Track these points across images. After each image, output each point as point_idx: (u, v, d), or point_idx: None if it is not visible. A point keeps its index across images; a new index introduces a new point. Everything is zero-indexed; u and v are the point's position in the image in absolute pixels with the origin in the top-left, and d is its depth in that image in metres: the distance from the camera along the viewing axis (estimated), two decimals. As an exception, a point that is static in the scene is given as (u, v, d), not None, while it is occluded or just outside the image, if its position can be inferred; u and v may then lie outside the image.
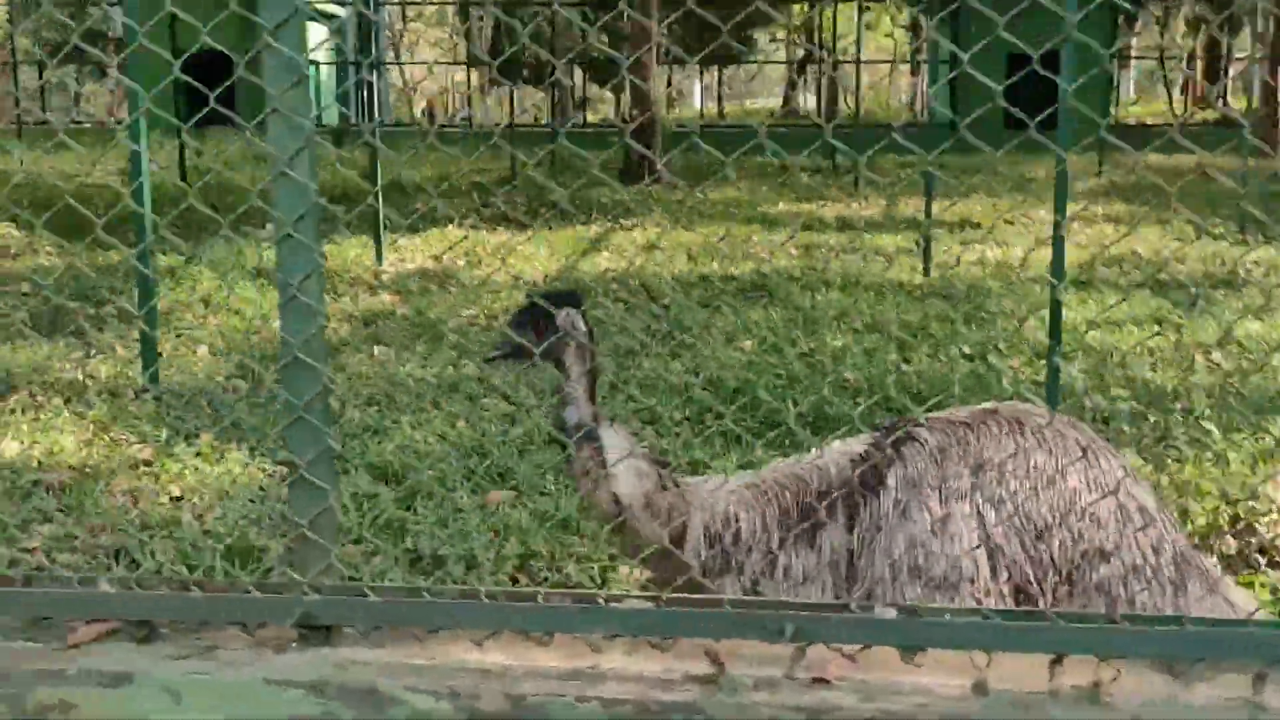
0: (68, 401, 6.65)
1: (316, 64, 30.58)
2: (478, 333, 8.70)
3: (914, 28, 42.76)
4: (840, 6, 34.01)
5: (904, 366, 7.37)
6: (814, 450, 3.16)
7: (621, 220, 14.49)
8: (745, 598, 2.76)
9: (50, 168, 18.84)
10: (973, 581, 2.82)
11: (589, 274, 11.11)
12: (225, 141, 21.25)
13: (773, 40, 51.33)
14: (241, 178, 19.00)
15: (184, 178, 19.06)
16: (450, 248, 12.26)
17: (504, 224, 14.42)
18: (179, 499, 5.29)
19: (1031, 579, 2.84)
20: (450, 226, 13.74)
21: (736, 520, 2.97)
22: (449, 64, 46.46)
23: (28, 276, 10.28)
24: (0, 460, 5.65)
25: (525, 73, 39.90)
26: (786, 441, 5.80)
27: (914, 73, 46.31)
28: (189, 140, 22.91)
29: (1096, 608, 2.80)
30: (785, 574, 2.93)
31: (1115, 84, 28.62)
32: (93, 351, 7.92)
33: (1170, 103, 36.74)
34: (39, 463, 5.67)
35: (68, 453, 5.79)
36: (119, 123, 29.70)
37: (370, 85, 32.81)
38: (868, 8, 36.53)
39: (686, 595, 2.13)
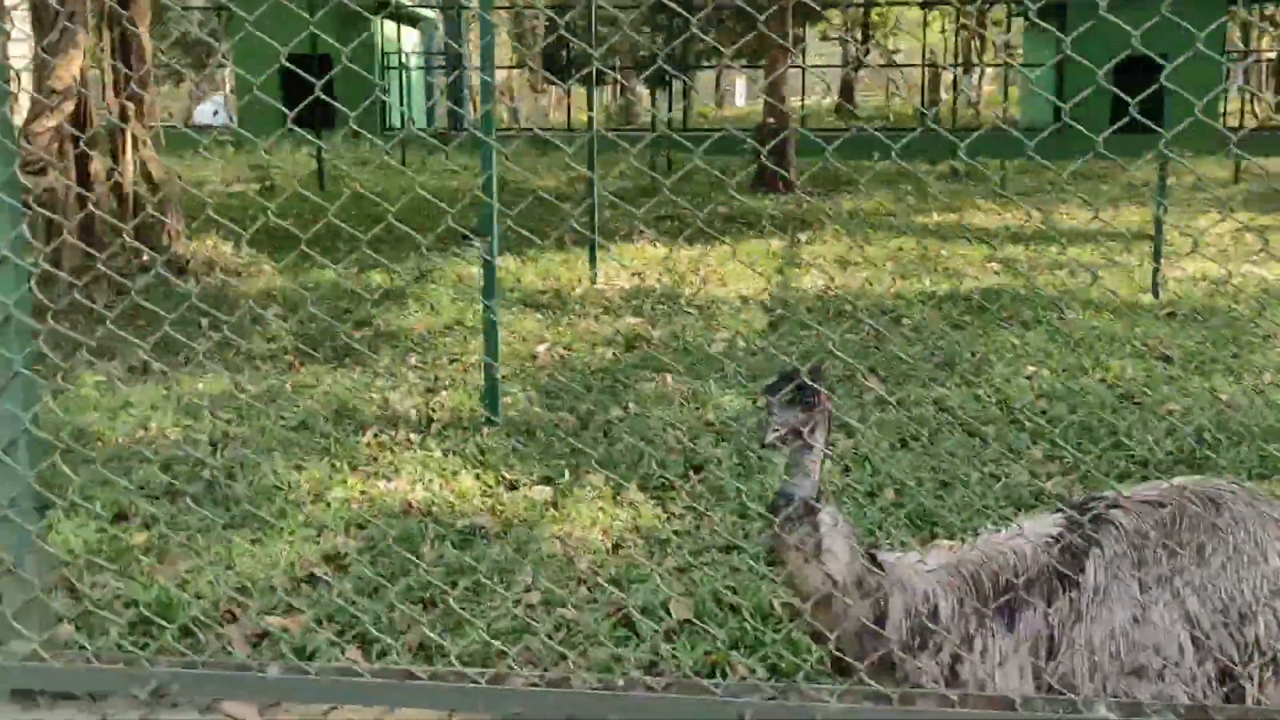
0: (422, 437, 6.75)
1: (407, 67, 30.77)
2: (743, 355, 8.79)
3: (964, 28, 42.56)
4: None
5: (1218, 395, 7.40)
6: (1004, 531, 3.17)
7: (780, 232, 14.59)
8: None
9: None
10: (1178, 667, 2.80)
11: (805, 291, 11.16)
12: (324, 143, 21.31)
13: (824, 38, 51.38)
14: (377, 180, 19.23)
15: (322, 185, 19.25)
16: (660, 263, 12.34)
17: (666, 236, 14.52)
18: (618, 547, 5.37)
19: (1236, 663, 2.81)
20: (642, 241, 13.81)
21: (935, 599, 2.96)
22: (527, 67, 46.48)
23: (267, 300, 10.41)
24: (421, 507, 5.73)
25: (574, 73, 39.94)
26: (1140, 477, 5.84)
27: (966, 71, 46.16)
28: (281, 142, 23.21)
29: None
30: (983, 655, 2.93)
31: (1225, 88, 28.40)
32: (387, 380, 8.04)
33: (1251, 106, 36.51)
34: (453, 507, 5.75)
35: (470, 495, 5.88)
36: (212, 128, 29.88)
37: (460, 88, 32.95)
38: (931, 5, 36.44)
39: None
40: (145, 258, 10.92)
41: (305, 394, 7.67)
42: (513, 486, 6.02)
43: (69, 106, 9.63)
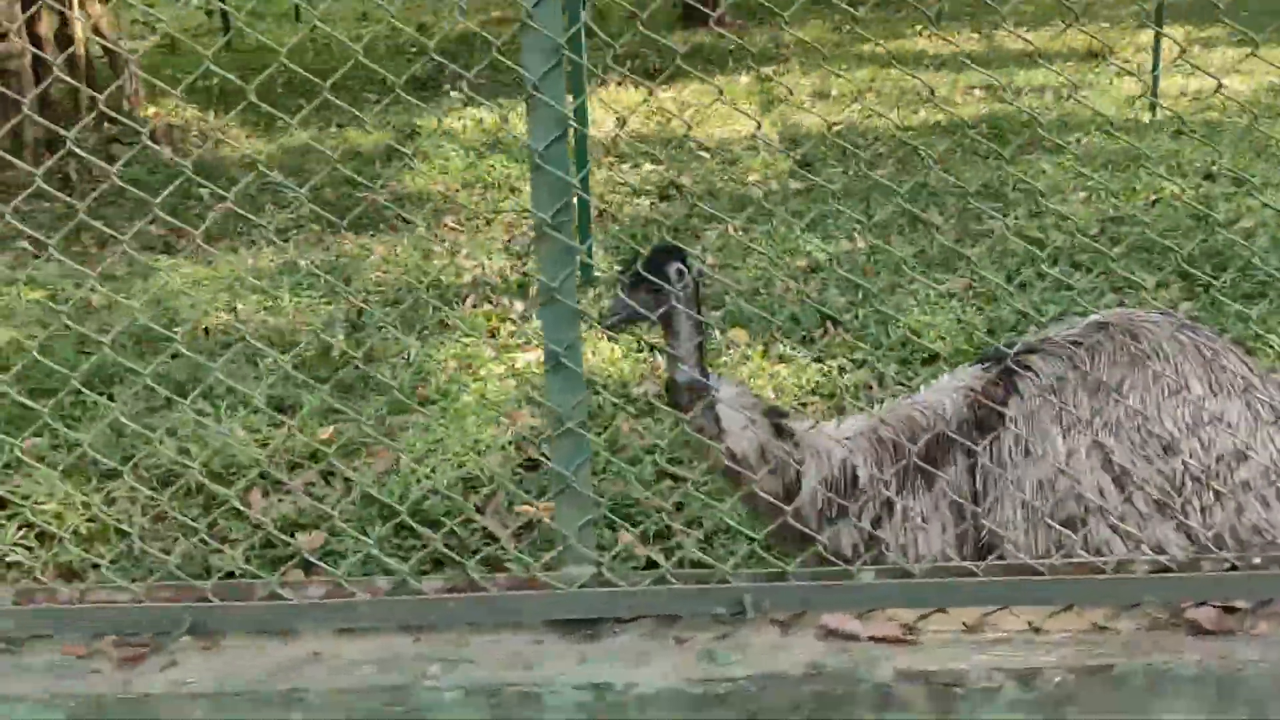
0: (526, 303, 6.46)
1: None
2: (778, 198, 8.61)
3: None
4: None
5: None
6: (924, 387, 3.23)
7: (727, 68, 14.18)
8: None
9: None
10: (1103, 512, 2.81)
11: (808, 128, 10.97)
12: None
13: None
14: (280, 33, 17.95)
15: (229, 44, 17.86)
16: (638, 107, 11.90)
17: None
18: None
19: (1171, 493, 2.82)
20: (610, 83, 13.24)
21: (853, 467, 3.02)
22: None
23: (256, 167, 9.71)
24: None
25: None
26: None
27: None
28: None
29: (1246, 510, 2.82)
30: (904, 517, 2.98)
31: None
32: (441, 244, 7.65)
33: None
34: (608, 373, 5.54)
35: (616, 359, 5.68)
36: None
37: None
38: None
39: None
40: (109, 127, 10.04)
41: (362, 265, 7.23)
42: (652, 349, 5.82)
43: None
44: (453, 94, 11.59)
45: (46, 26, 9.83)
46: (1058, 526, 2.77)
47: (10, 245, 7.84)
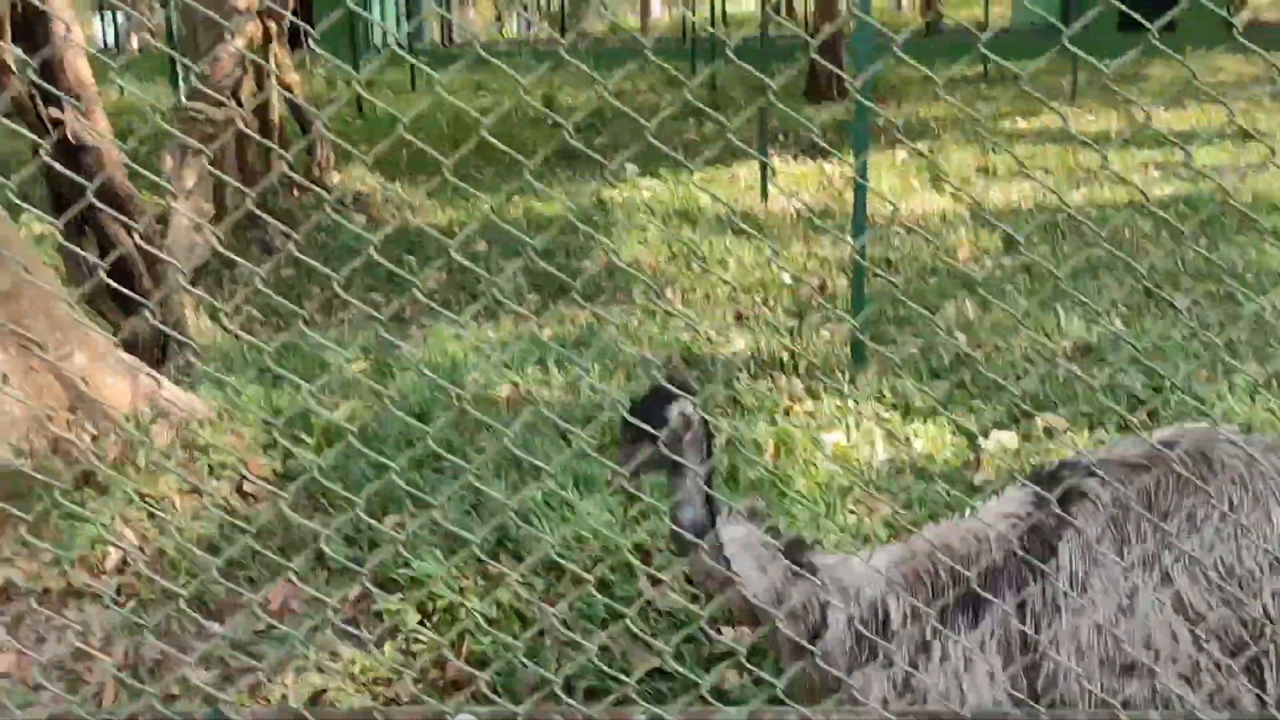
0: (805, 381, 6.25)
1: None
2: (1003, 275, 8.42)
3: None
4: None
5: None
6: (967, 512, 2.88)
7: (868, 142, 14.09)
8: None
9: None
10: (1175, 660, 2.51)
11: (1002, 204, 10.79)
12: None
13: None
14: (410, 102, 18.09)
15: (360, 109, 18.04)
16: (802, 180, 11.80)
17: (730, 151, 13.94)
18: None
19: (1246, 643, 2.51)
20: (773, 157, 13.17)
21: (885, 604, 2.71)
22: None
23: (451, 236, 9.62)
24: (909, 462, 5.27)
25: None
26: None
27: None
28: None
29: None
30: (943, 661, 2.65)
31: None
32: (668, 318, 7.47)
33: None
34: (932, 458, 5.31)
35: (941, 444, 5.45)
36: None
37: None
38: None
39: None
40: (297, 192, 10.03)
41: (604, 337, 7.07)
42: (967, 434, 5.58)
43: (251, 28, 8.64)
44: (627, 165, 11.52)
45: (247, 93, 9.85)
46: (1119, 675, 2.48)
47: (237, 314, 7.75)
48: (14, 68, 4.64)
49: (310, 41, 15.93)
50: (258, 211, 2.29)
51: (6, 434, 4.28)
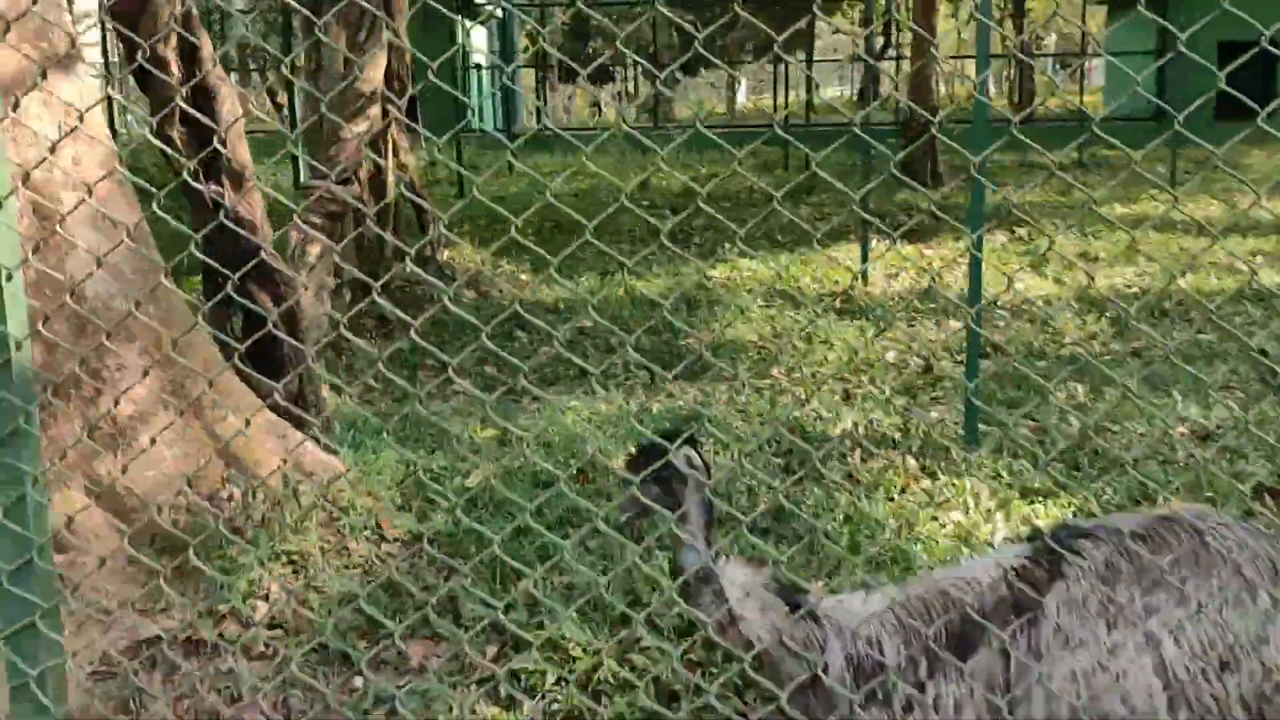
0: (920, 461, 6.27)
1: (480, 67, 30.08)
2: (1110, 360, 8.37)
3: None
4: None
5: None
6: (963, 560, 2.92)
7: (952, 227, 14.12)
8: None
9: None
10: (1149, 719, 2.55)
11: (1107, 289, 10.76)
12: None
13: (836, 32, 51.02)
14: (507, 183, 18.59)
15: (461, 190, 18.59)
16: (901, 262, 11.87)
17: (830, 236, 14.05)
18: None
19: (1215, 716, 2.55)
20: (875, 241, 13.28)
21: (880, 646, 2.78)
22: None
23: (556, 313, 9.84)
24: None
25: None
26: None
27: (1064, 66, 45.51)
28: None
29: None
30: (935, 704, 2.71)
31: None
32: (784, 396, 7.56)
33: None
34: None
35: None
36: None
37: (510, 90, 32.24)
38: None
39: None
40: (409, 267, 10.34)
41: (714, 412, 7.17)
42: (1090, 514, 5.55)
43: (375, 111, 9.03)
44: (727, 246, 11.72)
45: (364, 173, 10.26)
46: None
47: (358, 380, 8.01)
48: (182, 148, 4.95)
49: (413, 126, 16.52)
50: (380, 299, 2.45)
51: (164, 490, 4.49)
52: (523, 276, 11.14)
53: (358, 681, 4.14)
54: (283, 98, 24.43)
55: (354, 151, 8.88)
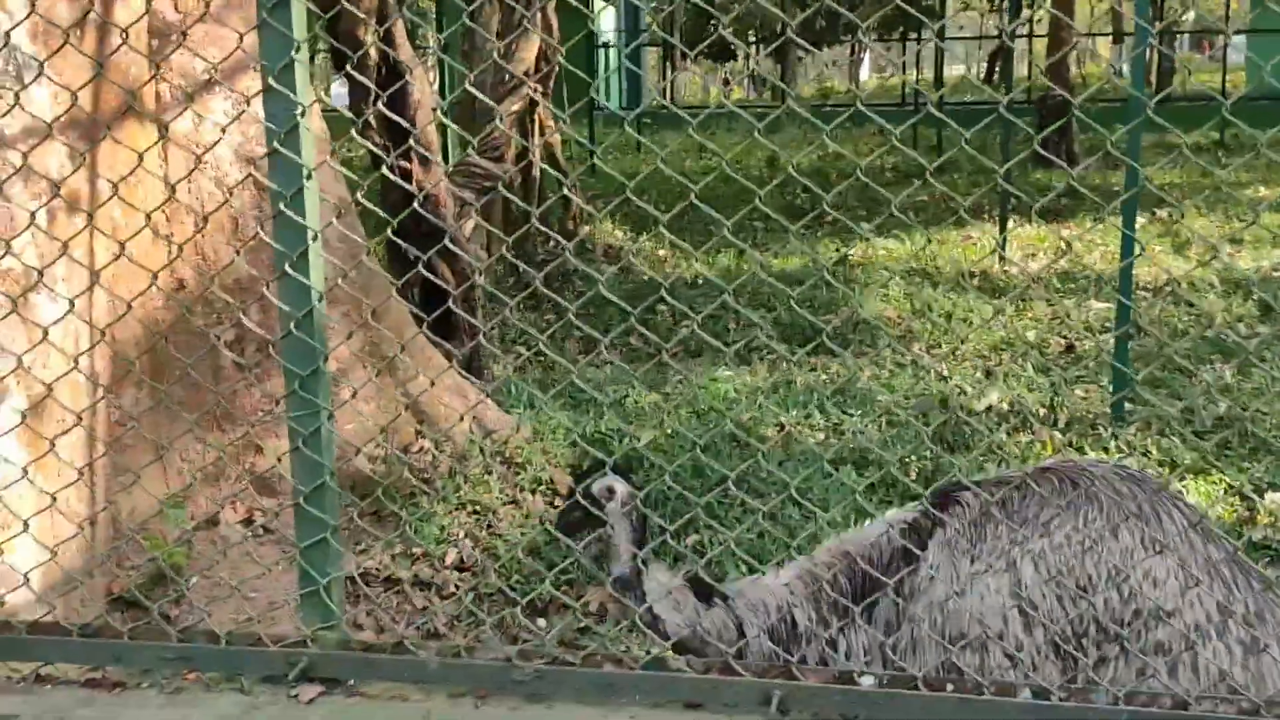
0: (1066, 436, 6.38)
1: (607, 46, 30.42)
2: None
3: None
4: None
5: None
6: (869, 522, 3.26)
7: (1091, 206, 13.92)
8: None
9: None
10: (1001, 638, 2.81)
11: (1242, 270, 10.58)
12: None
13: (966, 8, 50.04)
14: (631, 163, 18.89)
15: (593, 169, 18.93)
16: (1035, 242, 11.82)
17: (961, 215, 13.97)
18: None
19: (1071, 637, 2.78)
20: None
21: (791, 612, 3.11)
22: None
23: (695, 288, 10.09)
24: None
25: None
26: None
27: (1116, 41, 44.28)
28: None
29: (1155, 670, 2.71)
30: (847, 656, 3.04)
31: None
32: (920, 371, 7.69)
33: None
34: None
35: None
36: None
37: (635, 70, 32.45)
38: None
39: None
40: (553, 243, 10.71)
41: (860, 385, 7.34)
42: (1243, 494, 5.60)
43: (525, 91, 9.38)
44: (864, 225, 11.81)
45: (512, 152, 10.63)
46: (949, 646, 2.82)
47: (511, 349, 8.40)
48: (375, 127, 5.31)
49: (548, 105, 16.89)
50: (535, 280, 2.76)
51: (363, 443, 4.88)
52: (660, 252, 11.42)
53: (542, 623, 4.47)
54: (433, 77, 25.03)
55: (506, 130, 9.23)
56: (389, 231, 2.85)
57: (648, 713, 2.46)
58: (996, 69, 32.23)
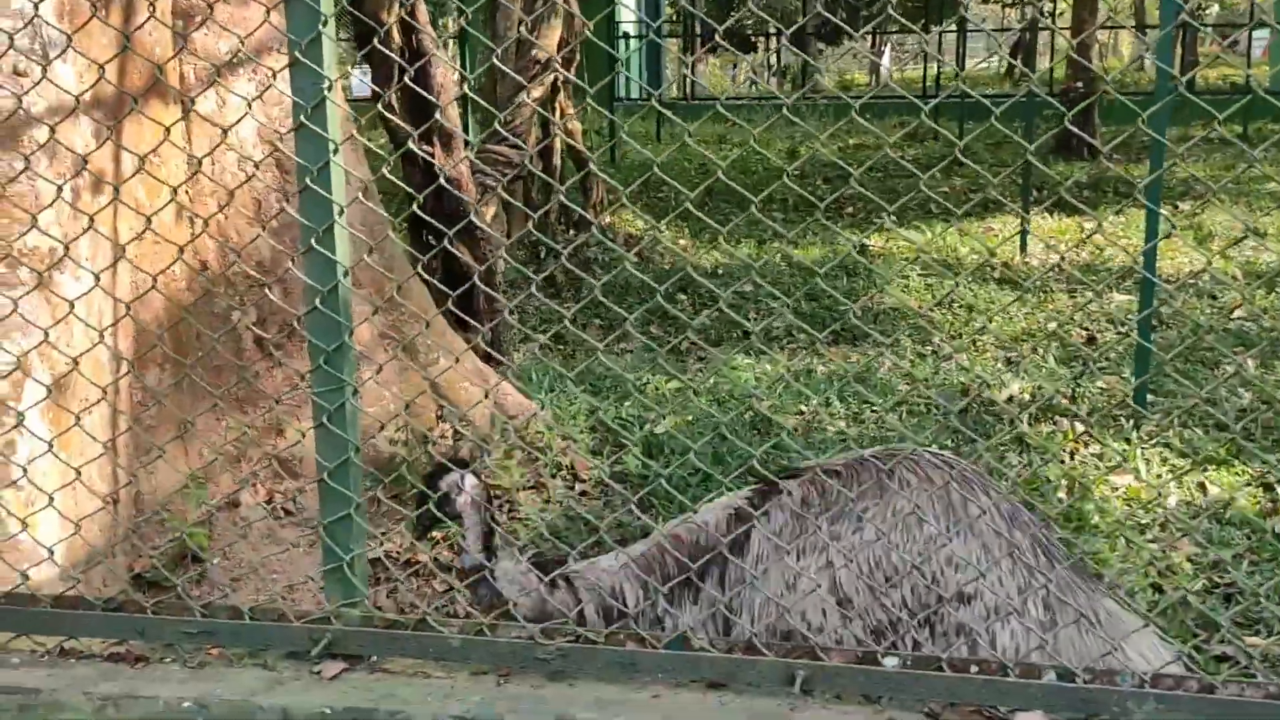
0: (1093, 427, 6.34)
1: (628, 35, 30.37)
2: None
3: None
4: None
5: None
6: (702, 506, 3.39)
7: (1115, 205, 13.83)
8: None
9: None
10: (821, 632, 2.93)
11: (1261, 263, 10.49)
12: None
13: (985, 1, 49.72)
14: (655, 151, 18.85)
15: (613, 158, 18.94)
16: (1056, 234, 11.74)
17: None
18: None
19: (886, 625, 2.90)
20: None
21: (623, 592, 3.27)
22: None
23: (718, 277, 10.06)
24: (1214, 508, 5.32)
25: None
26: None
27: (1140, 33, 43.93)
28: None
29: (958, 651, 2.79)
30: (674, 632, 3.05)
31: None
32: (940, 360, 7.66)
33: None
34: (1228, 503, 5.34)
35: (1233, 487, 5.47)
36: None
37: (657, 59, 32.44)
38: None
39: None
40: (574, 232, 10.71)
41: (875, 375, 7.32)
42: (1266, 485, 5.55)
43: (549, 79, 9.37)
44: (884, 216, 11.77)
45: (532, 138, 10.63)
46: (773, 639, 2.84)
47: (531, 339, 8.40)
48: (397, 110, 5.30)
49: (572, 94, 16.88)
50: (563, 266, 2.75)
51: (385, 425, 4.88)
52: (681, 241, 11.39)
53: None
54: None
55: (528, 117, 9.22)
56: (413, 206, 2.82)
57: (670, 692, 2.46)
58: (1017, 63, 32.06)
